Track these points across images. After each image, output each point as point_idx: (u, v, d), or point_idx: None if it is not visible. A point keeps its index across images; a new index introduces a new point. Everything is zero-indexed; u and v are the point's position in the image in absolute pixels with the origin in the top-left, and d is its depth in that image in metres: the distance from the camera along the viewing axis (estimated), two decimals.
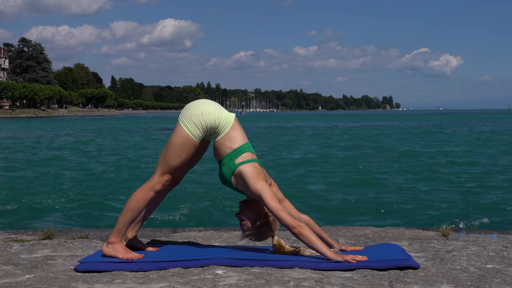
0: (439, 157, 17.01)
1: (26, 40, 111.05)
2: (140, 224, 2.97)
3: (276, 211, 2.66)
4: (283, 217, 2.65)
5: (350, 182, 11.41)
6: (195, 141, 2.77)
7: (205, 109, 2.78)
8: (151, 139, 29.04)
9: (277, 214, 2.66)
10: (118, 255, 2.75)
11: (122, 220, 2.80)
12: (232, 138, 2.78)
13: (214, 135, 2.81)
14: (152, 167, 14.58)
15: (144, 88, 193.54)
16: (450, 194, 9.73)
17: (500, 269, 2.60)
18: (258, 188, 2.70)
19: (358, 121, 70.18)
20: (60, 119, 77.37)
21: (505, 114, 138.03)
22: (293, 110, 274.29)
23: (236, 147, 2.78)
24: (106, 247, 2.79)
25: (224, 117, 2.79)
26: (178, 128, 2.79)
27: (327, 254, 2.64)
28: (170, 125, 50.41)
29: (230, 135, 2.78)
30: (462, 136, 30.57)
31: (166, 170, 2.80)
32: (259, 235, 2.84)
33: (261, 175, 2.76)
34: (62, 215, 7.98)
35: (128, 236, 2.94)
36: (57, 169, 14.16)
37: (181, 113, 2.84)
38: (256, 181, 2.72)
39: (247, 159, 2.77)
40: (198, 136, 2.77)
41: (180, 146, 2.77)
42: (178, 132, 2.78)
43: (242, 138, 2.81)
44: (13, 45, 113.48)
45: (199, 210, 8.23)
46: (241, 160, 2.75)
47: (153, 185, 2.81)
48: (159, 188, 2.82)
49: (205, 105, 2.81)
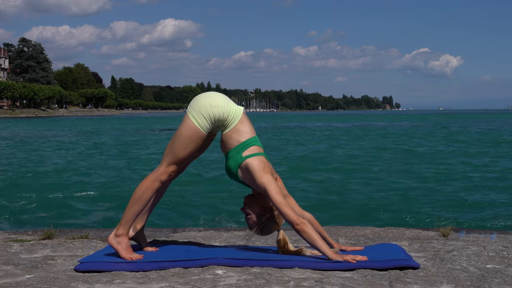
0: (439, 157, 17.00)
1: (26, 40, 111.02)
2: (147, 214, 2.97)
3: (280, 206, 2.66)
4: (287, 213, 2.65)
5: (350, 182, 11.40)
6: (202, 133, 2.78)
7: (214, 102, 2.78)
8: (150, 139, 29.03)
9: (281, 209, 2.66)
10: (121, 251, 2.76)
11: (129, 211, 2.81)
12: (240, 131, 2.79)
13: (222, 128, 2.81)
14: (152, 167, 14.59)
15: (144, 88, 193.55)
16: (450, 194, 9.73)
17: (500, 269, 2.60)
18: (263, 181, 2.70)
19: (360, 120, 70.22)
20: (60, 119, 77.36)
21: (505, 114, 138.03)
22: (293, 110, 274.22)
23: (244, 140, 2.78)
24: (113, 238, 2.79)
25: (232, 110, 2.80)
26: (187, 120, 2.79)
27: (328, 253, 2.64)
28: (169, 126, 50.42)
29: (238, 128, 2.79)
30: (462, 136, 30.56)
31: (172, 161, 2.81)
32: (265, 230, 2.84)
33: (268, 168, 2.77)
34: (62, 215, 7.97)
35: (136, 227, 2.94)
36: (57, 169, 14.16)
37: (189, 104, 2.85)
38: (262, 174, 2.72)
39: (254, 152, 2.77)
40: (206, 128, 2.78)
41: (188, 138, 2.77)
42: (186, 124, 2.79)
43: (250, 131, 2.81)
44: (13, 45, 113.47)
45: (199, 210, 8.23)
46: (248, 153, 2.76)
47: (159, 175, 2.82)
48: (165, 179, 2.82)
49: (214, 97, 2.82)
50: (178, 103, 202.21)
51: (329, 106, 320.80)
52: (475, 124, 51.34)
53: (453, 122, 59.31)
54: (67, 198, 9.44)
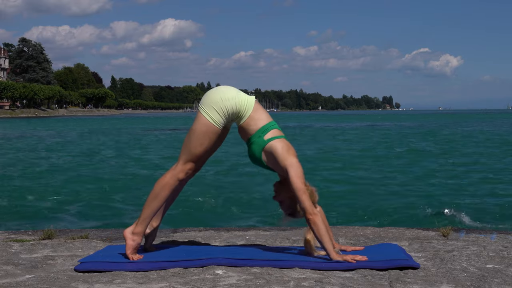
0: (438, 157, 17.00)
1: (26, 40, 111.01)
2: (163, 213, 2.97)
3: (299, 191, 2.66)
4: (304, 200, 2.65)
5: (350, 181, 11.40)
6: (217, 128, 2.79)
7: (224, 95, 2.79)
8: (150, 139, 29.04)
9: (299, 195, 2.66)
10: (129, 248, 2.76)
11: (147, 209, 2.81)
12: (256, 119, 2.80)
13: (237, 119, 2.82)
14: (152, 167, 14.59)
15: (144, 88, 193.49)
16: (450, 194, 9.73)
17: (500, 269, 2.60)
18: (287, 163, 2.70)
19: (364, 120, 70.24)
20: (60, 119, 77.37)
21: (505, 114, 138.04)
22: (293, 110, 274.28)
23: (263, 125, 2.79)
24: (129, 233, 2.80)
25: (244, 101, 2.80)
26: (200, 116, 2.80)
27: (330, 252, 2.65)
28: (169, 126, 50.42)
29: (253, 116, 2.80)
30: (462, 135, 30.56)
31: (189, 159, 2.81)
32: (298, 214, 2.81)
33: (291, 151, 2.76)
34: (62, 215, 7.97)
35: (153, 225, 2.94)
36: (57, 169, 14.16)
37: (201, 101, 2.85)
38: (286, 156, 2.72)
39: (276, 135, 2.78)
40: (220, 123, 2.78)
41: (203, 134, 2.78)
42: (200, 120, 2.79)
43: (266, 117, 2.82)
44: (13, 45, 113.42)
45: (199, 210, 8.23)
46: (270, 136, 2.77)
47: (176, 173, 2.82)
48: (182, 177, 2.82)
49: (224, 90, 2.82)
50: (178, 103, 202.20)
51: (329, 106, 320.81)
52: (475, 124, 51.34)
53: (455, 122, 59.31)
54: (67, 198, 9.44)
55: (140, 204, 8.73)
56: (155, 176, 12.58)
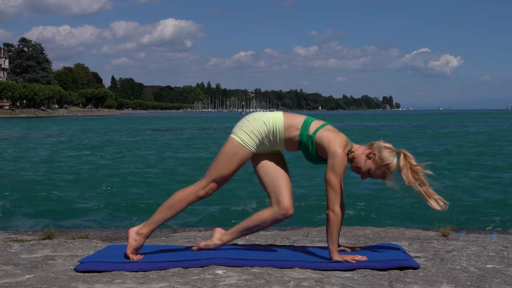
0: (438, 157, 17.00)
1: (26, 40, 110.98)
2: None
3: (331, 184, 2.65)
4: (330, 194, 2.65)
5: (350, 181, 11.40)
6: (250, 152, 2.79)
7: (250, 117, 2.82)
8: (149, 139, 29.04)
9: (329, 189, 2.66)
10: (130, 247, 2.77)
11: (158, 215, 2.82)
12: (292, 124, 2.79)
13: (277, 137, 2.79)
14: (152, 167, 14.58)
15: (144, 88, 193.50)
16: (450, 194, 9.73)
17: (500, 269, 2.60)
18: (330, 152, 2.69)
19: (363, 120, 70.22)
20: (60, 119, 77.37)
21: (504, 114, 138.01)
22: (293, 110, 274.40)
23: (301, 124, 2.78)
24: (134, 233, 2.81)
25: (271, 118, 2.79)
26: (233, 141, 2.79)
27: (333, 252, 2.67)
28: (168, 126, 50.40)
29: (289, 123, 2.79)
30: (462, 136, 30.57)
31: (215, 178, 2.80)
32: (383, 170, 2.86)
33: (338, 139, 2.73)
34: (62, 215, 7.97)
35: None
36: (56, 169, 14.16)
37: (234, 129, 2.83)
38: (334, 144, 2.70)
39: (318, 125, 2.78)
40: (253, 147, 2.78)
41: (236, 157, 2.77)
42: (234, 143, 2.78)
43: (299, 118, 2.83)
44: (13, 45, 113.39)
45: (199, 210, 8.22)
46: (314, 129, 2.76)
47: (198, 189, 2.81)
48: (202, 195, 2.82)
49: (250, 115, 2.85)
50: (178, 103, 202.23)
51: (329, 106, 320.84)
52: (475, 124, 51.34)
53: (455, 123, 59.30)
54: (67, 198, 9.44)
55: (140, 204, 8.75)
56: (155, 176, 12.59)
